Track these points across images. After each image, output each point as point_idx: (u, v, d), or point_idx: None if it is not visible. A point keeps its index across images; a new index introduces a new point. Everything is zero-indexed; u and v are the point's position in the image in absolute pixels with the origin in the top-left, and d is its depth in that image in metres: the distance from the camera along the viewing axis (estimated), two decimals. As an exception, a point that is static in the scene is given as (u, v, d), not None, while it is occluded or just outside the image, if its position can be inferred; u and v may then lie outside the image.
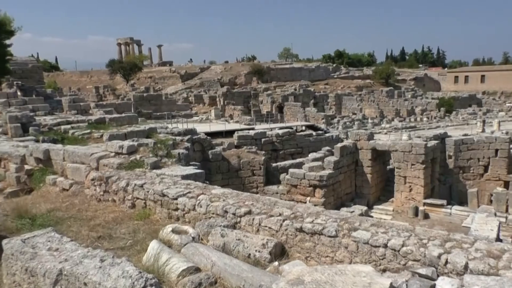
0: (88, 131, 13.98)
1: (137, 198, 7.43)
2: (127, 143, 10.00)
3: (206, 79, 68.86)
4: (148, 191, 7.26)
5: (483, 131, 30.75)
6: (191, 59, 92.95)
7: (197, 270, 4.28)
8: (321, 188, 17.40)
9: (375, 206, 19.80)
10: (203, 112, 43.34)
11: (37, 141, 12.72)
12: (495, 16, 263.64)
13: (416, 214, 18.08)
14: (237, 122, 32.89)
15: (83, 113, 22.06)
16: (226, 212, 6.11)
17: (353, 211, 16.88)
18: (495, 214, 16.04)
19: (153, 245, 4.72)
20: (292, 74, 72.83)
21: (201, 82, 67.15)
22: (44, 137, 13.06)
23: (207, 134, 20.56)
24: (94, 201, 8.12)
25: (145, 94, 38.01)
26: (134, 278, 3.34)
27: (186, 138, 16.79)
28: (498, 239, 7.39)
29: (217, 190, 7.00)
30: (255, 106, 47.97)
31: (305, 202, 16.92)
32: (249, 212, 5.93)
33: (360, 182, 20.15)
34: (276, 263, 4.77)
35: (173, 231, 5.38)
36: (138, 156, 9.45)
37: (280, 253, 5.32)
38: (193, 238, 5.25)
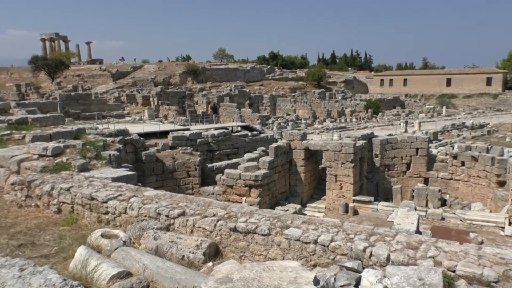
0: (8, 132, 12.95)
1: (64, 203, 7.05)
2: (52, 144, 9.45)
3: (139, 78, 66.84)
4: (75, 195, 6.91)
5: (406, 131, 32.92)
6: (122, 57, 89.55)
7: (129, 274, 4.16)
8: (257, 188, 17.62)
9: (308, 204, 20.43)
10: (136, 113, 42.01)
11: None
12: (416, 24, 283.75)
13: (346, 211, 18.92)
14: (171, 122, 32.32)
15: (2, 113, 20.46)
16: (159, 214, 6.00)
17: (287, 210, 17.30)
18: (415, 209, 17.22)
19: (81, 251, 4.51)
20: (228, 75, 73.01)
21: (134, 81, 65.05)
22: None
23: (140, 135, 19.97)
24: (14, 207, 7.58)
25: (72, 93, 36.01)
26: (58, 286, 3.17)
27: (117, 139, 16.19)
28: (417, 232, 7.98)
29: (150, 192, 6.84)
30: (190, 106, 47.43)
31: (241, 202, 17.05)
32: (183, 214, 5.88)
33: (294, 181, 20.69)
34: (210, 263, 4.77)
35: (103, 235, 5.18)
36: (64, 158, 8.96)
37: (215, 253, 5.33)
38: (124, 242, 5.09)
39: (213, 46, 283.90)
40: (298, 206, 18.67)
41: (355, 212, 18.79)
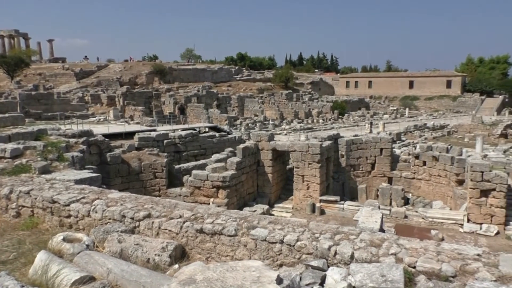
0: (-37, 133, 12.36)
1: (23, 206, 6.80)
2: (10, 146, 9.09)
3: (104, 78, 65.27)
4: (35, 198, 6.68)
5: (371, 132, 33.74)
6: (86, 56, 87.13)
7: (92, 279, 4.07)
8: (224, 189, 17.58)
9: (276, 205, 20.56)
10: (101, 113, 41.02)
11: None
12: (380, 28, 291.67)
13: (313, 211, 19.17)
14: (138, 123, 31.77)
15: (-44, 113, 19.44)
16: (124, 216, 5.88)
17: (255, 210, 17.36)
18: (379, 208, 17.73)
19: (41, 257, 4.37)
20: (195, 75, 72.47)
21: (99, 81, 63.47)
22: None
23: (105, 135, 19.50)
24: (-31, 212, 7.23)
25: (33, 93, 34.74)
26: (17, 293, 3.06)
27: (81, 140, 15.75)
28: (381, 230, 8.20)
29: (114, 194, 6.70)
30: (157, 107, 46.80)
31: (209, 204, 16.96)
32: (149, 216, 5.79)
33: (262, 182, 20.78)
34: (176, 265, 4.73)
35: (65, 239, 5.04)
36: (24, 160, 8.64)
37: (181, 255, 5.29)
38: (88, 245, 4.97)
39: (181, 46, 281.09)
40: (266, 207, 18.76)
41: (322, 212, 19.07)
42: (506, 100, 66.49)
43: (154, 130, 23.60)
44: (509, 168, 20.68)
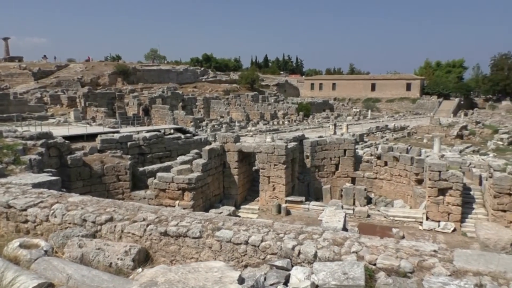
0: None
1: (-24, 212, 6.48)
2: (-38, 149, 8.65)
3: (64, 78, 63.14)
4: (-10, 203, 6.38)
5: (335, 133, 34.41)
6: (45, 56, 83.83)
7: (50, 286, 3.93)
8: (190, 191, 17.42)
9: (242, 206, 20.59)
10: (61, 114, 39.73)
11: None
12: (343, 31, 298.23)
13: (279, 211, 19.33)
14: (100, 125, 30.99)
15: None
16: (85, 220, 5.73)
17: (221, 212, 17.29)
18: (342, 207, 18.12)
19: (-5, 264, 4.18)
20: (160, 76, 71.43)
21: (58, 81, 61.32)
22: None
23: (66, 138, 18.88)
24: None
25: (-13, 93, 33.22)
26: (-32, 303, 2.92)
27: (39, 142, 15.17)
28: (344, 229, 8.39)
29: (75, 198, 6.51)
30: (121, 108, 45.81)
31: (174, 206, 16.76)
32: (111, 219, 5.67)
33: (228, 184, 20.75)
34: (140, 269, 4.65)
35: (21, 245, 4.85)
36: (-23, 164, 8.24)
37: (145, 259, 5.21)
38: (46, 251, 4.80)
39: (145, 47, 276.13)
40: (232, 208, 18.74)
41: (288, 212, 19.26)
42: (462, 102, 69.61)
43: (118, 132, 23.09)
44: (464, 167, 21.66)
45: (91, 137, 21.19)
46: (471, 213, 17.90)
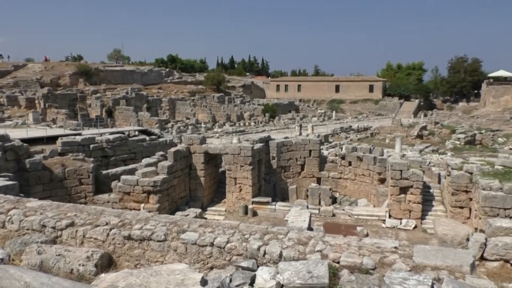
0: None
1: None
2: None
3: (22, 78, 60.67)
4: None
5: (300, 134, 34.83)
6: (1, 55, 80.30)
7: (7, 295, 3.78)
8: (155, 193, 17.16)
9: (209, 208, 20.47)
10: (19, 116, 38.22)
11: None
12: (308, 33, 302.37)
13: (246, 213, 19.36)
14: (61, 127, 29.99)
15: None
16: (44, 226, 5.54)
17: (187, 214, 17.12)
18: (307, 207, 18.37)
19: None
20: (124, 77, 69.91)
21: (16, 81, 58.84)
22: None
23: (24, 140, 18.18)
24: None
25: None
26: None
27: (-5, 145, 14.55)
28: (309, 228, 8.51)
29: (33, 203, 6.29)
30: (83, 109, 44.53)
31: (139, 209, 16.46)
32: (72, 224, 5.51)
33: (194, 185, 20.58)
34: (103, 275, 4.54)
35: (-25, 254, 4.63)
36: None
37: (108, 264, 5.09)
38: (2, 259, 4.60)
39: (108, 46, 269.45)
40: (199, 210, 18.60)
41: (255, 213, 19.32)
42: (421, 103, 72.14)
43: (79, 134, 22.48)
44: (424, 166, 22.45)
45: (52, 139, 20.51)
46: (431, 210, 18.58)
